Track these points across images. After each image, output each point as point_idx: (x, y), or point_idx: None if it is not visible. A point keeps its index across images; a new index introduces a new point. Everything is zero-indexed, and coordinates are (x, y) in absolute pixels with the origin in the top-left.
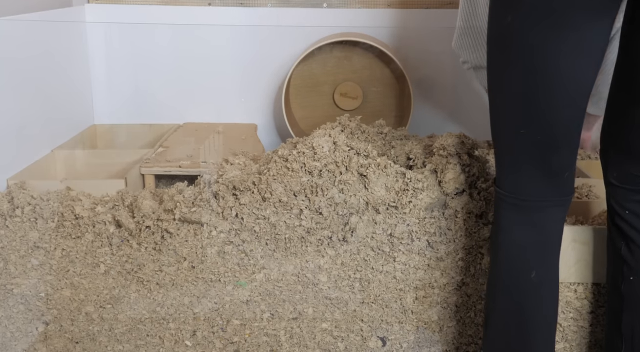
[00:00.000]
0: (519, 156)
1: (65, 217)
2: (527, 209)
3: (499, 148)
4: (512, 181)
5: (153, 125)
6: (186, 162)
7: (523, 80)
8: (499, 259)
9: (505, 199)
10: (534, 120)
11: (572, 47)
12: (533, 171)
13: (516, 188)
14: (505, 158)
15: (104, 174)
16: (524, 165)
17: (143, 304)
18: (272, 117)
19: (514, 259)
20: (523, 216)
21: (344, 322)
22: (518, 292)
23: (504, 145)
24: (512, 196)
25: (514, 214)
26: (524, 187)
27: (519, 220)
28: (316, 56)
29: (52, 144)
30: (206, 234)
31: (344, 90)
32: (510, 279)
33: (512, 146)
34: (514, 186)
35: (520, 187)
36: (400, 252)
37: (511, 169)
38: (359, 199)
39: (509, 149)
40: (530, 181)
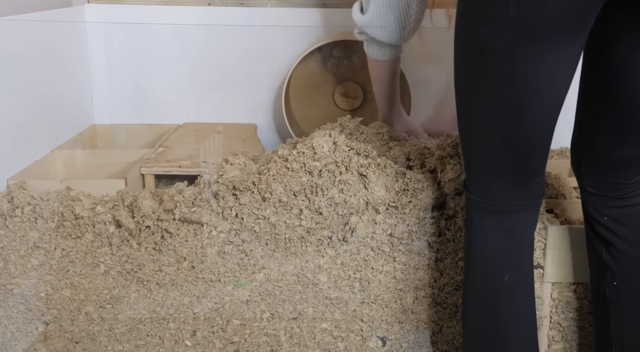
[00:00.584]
0: (492, 163)
1: (65, 217)
2: (499, 214)
3: (470, 154)
4: (483, 186)
5: (153, 125)
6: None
7: (502, 89)
8: (472, 265)
9: (476, 204)
10: (512, 129)
11: (553, 61)
12: (506, 177)
13: (488, 193)
14: (476, 164)
15: (104, 174)
16: (497, 171)
17: (143, 304)
18: (272, 117)
19: (488, 263)
20: (495, 220)
21: (344, 322)
22: (493, 297)
23: (476, 152)
24: (484, 202)
25: (486, 219)
26: (495, 192)
27: (491, 224)
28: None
29: (52, 144)
30: (206, 234)
31: (344, 91)
32: (484, 284)
33: (486, 154)
34: (485, 191)
35: (491, 193)
36: (400, 252)
37: (483, 175)
38: (359, 199)
39: (481, 156)
40: (502, 187)
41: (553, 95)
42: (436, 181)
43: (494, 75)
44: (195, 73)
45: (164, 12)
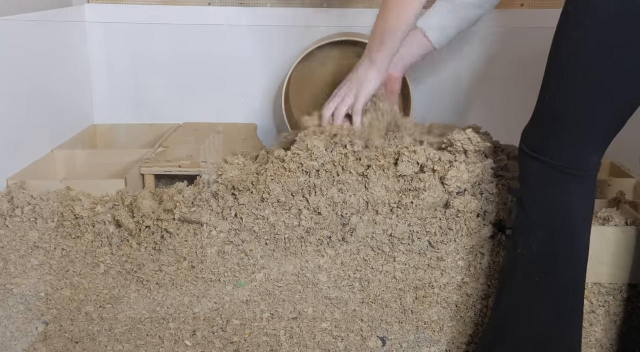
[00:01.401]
0: (598, 131)
1: (65, 217)
2: (588, 178)
3: (568, 121)
4: (578, 151)
5: (153, 125)
6: (186, 162)
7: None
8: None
9: (565, 171)
10: (632, 96)
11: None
12: (602, 144)
13: (585, 161)
14: (576, 131)
15: (104, 174)
16: (598, 138)
17: (143, 304)
18: (272, 117)
19: (575, 225)
20: (582, 185)
21: (344, 322)
22: (575, 257)
23: (580, 118)
24: (580, 168)
25: (573, 184)
26: (592, 159)
27: (577, 189)
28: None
29: (52, 144)
30: (206, 234)
31: None
32: (571, 246)
33: (596, 122)
34: (583, 159)
35: (589, 160)
36: (400, 253)
37: (585, 143)
38: (359, 199)
39: (590, 122)
40: (597, 153)
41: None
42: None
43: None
44: (195, 73)
45: (164, 12)
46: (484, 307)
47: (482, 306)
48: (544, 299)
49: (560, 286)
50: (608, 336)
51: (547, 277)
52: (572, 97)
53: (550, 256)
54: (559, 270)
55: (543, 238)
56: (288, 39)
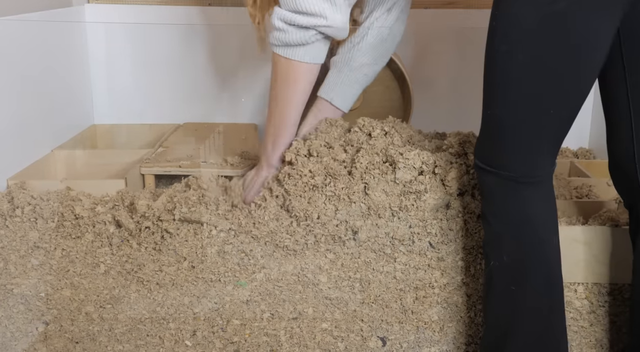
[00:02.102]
0: (542, 137)
1: (65, 217)
2: (541, 183)
3: (511, 131)
4: (526, 159)
5: (153, 125)
6: (186, 162)
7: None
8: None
9: (517, 180)
10: (570, 97)
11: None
12: (550, 146)
13: (531, 166)
14: (520, 139)
15: (104, 174)
16: (543, 144)
17: (143, 304)
18: None
19: (536, 232)
20: (538, 191)
21: (344, 322)
22: (547, 262)
23: (522, 127)
24: (526, 175)
25: (527, 191)
26: (539, 163)
27: (534, 196)
28: None
29: (52, 144)
30: (206, 233)
31: None
32: (539, 252)
33: (538, 128)
34: (529, 164)
35: (535, 164)
36: (401, 253)
37: (531, 150)
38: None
39: (528, 129)
40: (545, 156)
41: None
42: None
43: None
44: (195, 73)
45: (164, 12)
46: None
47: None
48: (523, 308)
49: (536, 292)
50: (608, 336)
51: (522, 285)
52: (510, 108)
53: (521, 265)
54: (531, 277)
55: (511, 248)
56: None
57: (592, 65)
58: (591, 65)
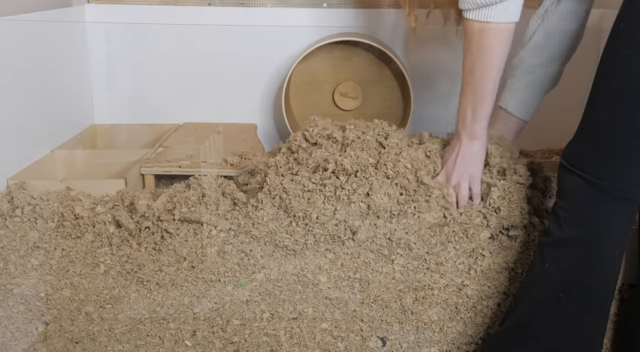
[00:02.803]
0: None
1: (65, 217)
2: (629, 200)
3: (623, 143)
4: (628, 175)
5: (153, 125)
6: (186, 162)
7: None
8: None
9: (610, 191)
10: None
11: None
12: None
13: (630, 182)
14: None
15: (104, 174)
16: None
17: (143, 304)
18: (272, 117)
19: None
20: (623, 207)
21: (344, 322)
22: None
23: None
24: (625, 190)
25: (615, 205)
26: (634, 179)
27: (618, 211)
28: (316, 56)
29: (52, 144)
30: (206, 233)
31: (344, 91)
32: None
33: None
34: (630, 180)
35: (632, 181)
36: (399, 255)
37: (633, 164)
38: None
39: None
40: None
41: None
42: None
43: None
44: (195, 73)
45: (164, 12)
46: (484, 307)
47: (482, 307)
48: (565, 319)
49: (584, 309)
50: (608, 336)
51: (573, 297)
52: (622, 116)
53: (580, 276)
54: (587, 290)
55: (574, 256)
56: (288, 39)
57: None
58: None
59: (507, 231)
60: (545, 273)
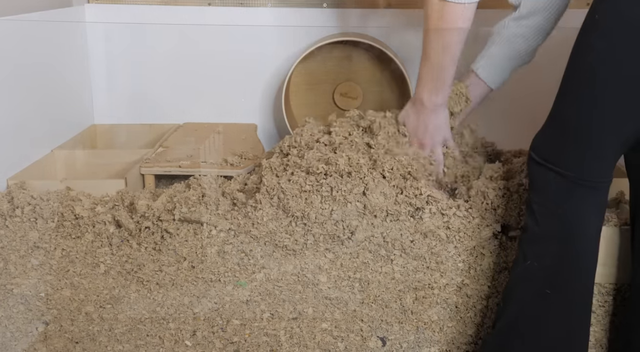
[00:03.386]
0: (615, 143)
1: (65, 217)
2: (601, 191)
3: (592, 134)
4: (597, 166)
5: (153, 125)
6: (186, 162)
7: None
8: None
9: (580, 182)
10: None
11: None
12: (617, 156)
13: (600, 172)
14: (598, 145)
15: (104, 174)
16: (614, 150)
17: (143, 304)
18: (272, 117)
19: (585, 239)
20: (596, 198)
21: (343, 322)
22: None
23: (606, 132)
24: (593, 180)
25: (588, 196)
26: (607, 170)
27: (591, 202)
28: (316, 56)
29: (52, 144)
30: (206, 233)
31: (344, 90)
32: (584, 261)
33: (618, 133)
34: (598, 170)
35: (603, 171)
36: (398, 255)
37: (602, 155)
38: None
39: (610, 136)
40: (612, 165)
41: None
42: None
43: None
44: (195, 73)
45: (164, 12)
46: (484, 307)
47: (482, 306)
48: (553, 315)
49: (570, 301)
50: (608, 336)
51: (560, 290)
52: (591, 109)
53: (564, 269)
54: (572, 283)
55: (555, 250)
56: (288, 39)
57: None
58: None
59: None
60: (528, 271)
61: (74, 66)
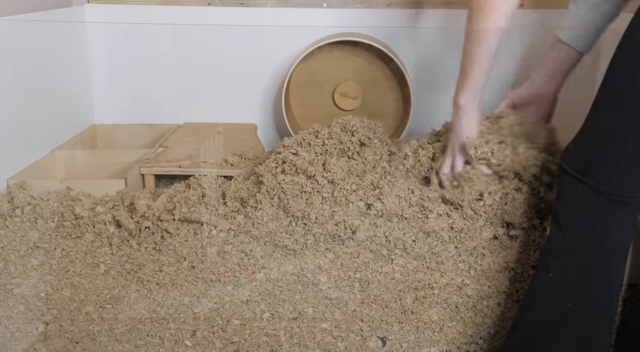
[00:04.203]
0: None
1: (65, 217)
2: (632, 205)
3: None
4: (626, 178)
5: (153, 125)
6: (186, 162)
7: None
8: (596, 257)
9: (612, 197)
10: None
11: None
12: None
13: (633, 188)
14: (629, 157)
15: (104, 174)
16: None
17: (143, 304)
18: (272, 117)
19: (613, 254)
20: (626, 212)
21: (344, 322)
22: (609, 288)
23: (636, 145)
24: (624, 195)
25: (619, 211)
26: (636, 183)
27: (620, 216)
28: (316, 56)
29: (52, 144)
30: (206, 233)
31: (344, 91)
32: (607, 276)
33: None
34: (633, 185)
35: (632, 184)
36: (399, 255)
37: (632, 167)
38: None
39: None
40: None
41: None
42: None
43: None
44: (195, 73)
45: (164, 12)
46: (484, 307)
47: (482, 306)
48: (573, 329)
49: (591, 318)
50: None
51: (580, 306)
52: (631, 122)
53: (588, 284)
54: (595, 299)
55: (579, 264)
56: (288, 39)
57: None
58: None
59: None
60: (551, 282)
61: (74, 66)
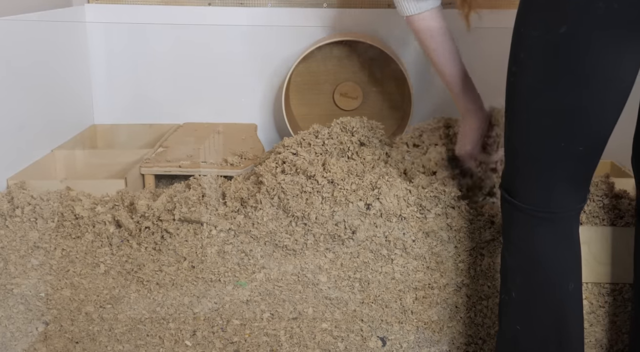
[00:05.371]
0: (557, 168)
1: (65, 217)
2: (560, 221)
3: (527, 163)
4: (543, 194)
5: (153, 125)
6: (186, 162)
7: (579, 91)
8: (530, 278)
9: (533, 214)
10: (581, 128)
11: (635, 58)
12: (569, 181)
13: (548, 201)
14: (537, 172)
15: (104, 174)
16: (560, 176)
17: (143, 304)
18: (272, 117)
19: (552, 274)
20: (555, 228)
21: (344, 322)
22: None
23: (538, 159)
24: (543, 210)
25: (544, 228)
26: (557, 199)
27: (550, 233)
28: (316, 56)
29: (52, 144)
30: (206, 233)
31: (344, 91)
32: (548, 296)
33: (550, 159)
34: (546, 199)
35: (553, 200)
36: (399, 255)
37: (545, 182)
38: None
39: (545, 163)
40: (564, 192)
41: (625, 95)
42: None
43: (569, 73)
44: (195, 73)
45: (164, 12)
46: (484, 307)
47: (482, 306)
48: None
49: (542, 339)
50: (608, 336)
51: (527, 327)
52: (524, 135)
53: (527, 305)
54: (538, 321)
55: (519, 285)
56: (288, 39)
57: (613, 100)
58: (612, 99)
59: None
60: (502, 303)
61: (74, 66)
